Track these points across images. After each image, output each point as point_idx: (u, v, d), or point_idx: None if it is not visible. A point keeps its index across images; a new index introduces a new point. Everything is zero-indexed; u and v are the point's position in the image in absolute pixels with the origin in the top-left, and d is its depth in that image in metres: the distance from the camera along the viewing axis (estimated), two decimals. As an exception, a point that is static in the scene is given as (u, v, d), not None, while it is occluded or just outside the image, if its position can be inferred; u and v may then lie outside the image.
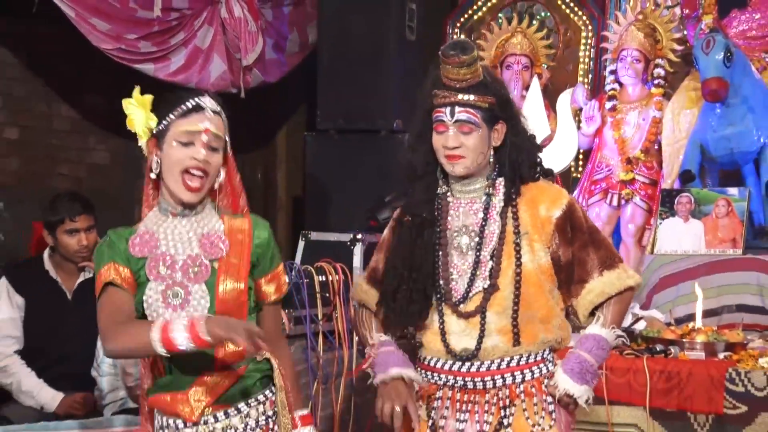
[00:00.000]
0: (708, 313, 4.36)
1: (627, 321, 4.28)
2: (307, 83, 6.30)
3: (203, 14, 5.91)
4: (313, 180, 5.78)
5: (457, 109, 2.66)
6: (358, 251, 4.54)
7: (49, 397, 4.00)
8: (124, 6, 5.43)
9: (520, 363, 2.73)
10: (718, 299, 4.54)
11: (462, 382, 2.75)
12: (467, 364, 2.73)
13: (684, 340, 4.05)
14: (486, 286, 2.70)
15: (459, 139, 2.68)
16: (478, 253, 2.73)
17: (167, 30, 5.72)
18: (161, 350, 2.28)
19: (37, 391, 4.00)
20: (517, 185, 2.75)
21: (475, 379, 2.73)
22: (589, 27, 6.06)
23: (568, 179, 5.71)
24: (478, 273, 2.72)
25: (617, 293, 2.74)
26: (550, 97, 5.34)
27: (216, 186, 2.52)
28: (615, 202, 5.44)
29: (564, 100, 5.04)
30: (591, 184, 5.53)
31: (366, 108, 5.58)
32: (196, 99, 2.47)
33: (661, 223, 4.91)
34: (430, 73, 2.73)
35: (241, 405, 2.47)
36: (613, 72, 5.57)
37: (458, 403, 2.76)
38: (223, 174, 2.52)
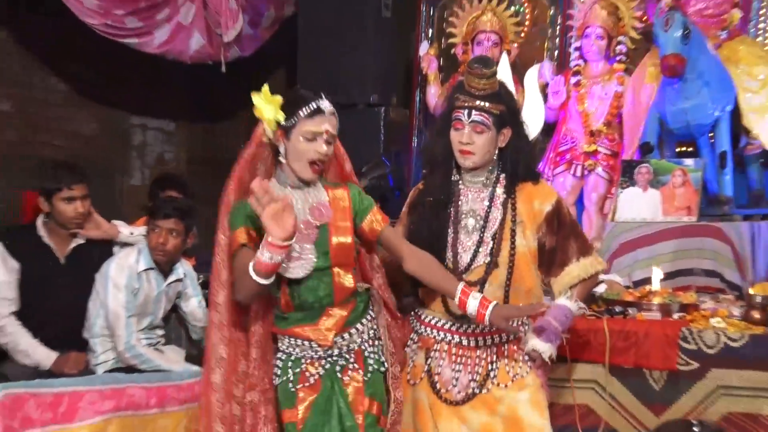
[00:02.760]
0: (664, 277, 4.40)
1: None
2: (286, 58, 6.28)
3: (186, -9, 5.88)
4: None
5: (474, 112, 3.12)
6: (335, 218, 4.55)
7: (44, 355, 4.01)
8: (111, -17, 5.40)
9: None
10: (674, 263, 4.56)
11: (458, 339, 3.22)
12: (464, 325, 3.20)
13: (641, 301, 4.10)
14: (487, 261, 3.16)
15: (472, 137, 3.13)
16: (481, 234, 3.18)
17: (153, 6, 5.68)
18: (255, 276, 2.74)
19: (32, 350, 4.01)
20: (515, 181, 3.20)
21: (470, 338, 3.21)
22: (556, 5, 6.03)
23: (534, 150, 5.71)
24: (480, 250, 3.17)
25: (589, 277, 3.25)
26: (519, 72, 5.32)
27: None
28: (579, 173, 5.46)
29: (531, 75, 5.03)
30: (556, 155, 5.54)
31: (344, 82, 5.55)
32: (317, 102, 2.96)
33: (621, 192, 4.91)
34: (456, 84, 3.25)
35: (358, 325, 3.07)
36: (578, 48, 5.57)
37: (453, 356, 3.22)
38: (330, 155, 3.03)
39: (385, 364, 3.12)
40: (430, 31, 6.33)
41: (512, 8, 5.95)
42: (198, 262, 4.50)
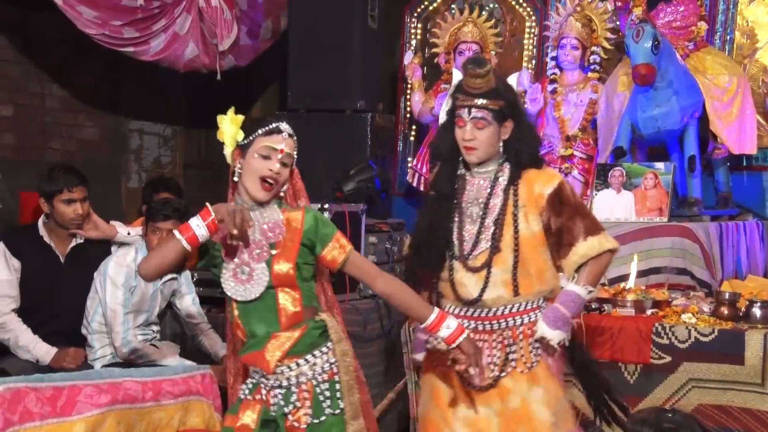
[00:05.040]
0: (637, 275, 4.38)
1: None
2: (278, 67, 6.24)
3: (183, 3, 5.81)
4: (284, 154, 5.72)
5: (473, 110, 3.02)
6: (325, 219, 4.51)
7: (44, 351, 3.95)
8: (109, -6, 5.33)
9: (519, 309, 3.06)
10: (647, 262, 4.53)
11: (473, 325, 3.07)
12: (478, 310, 3.07)
13: (616, 298, 4.08)
14: (488, 246, 3.05)
15: (474, 133, 3.03)
16: (482, 220, 3.08)
17: (150, 17, 5.62)
18: (184, 242, 2.60)
19: (32, 345, 3.95)
20: (519, 169, 3.08)
21: (484, 323, 3.08)
22: (533, 17, 6.06)
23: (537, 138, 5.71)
24: (482, 236, 3.07)
25: (596, 255, 3.03)
26: (498, 80, 5.31)
27: (282, 192, 2.81)
28: (555, 176, 5.45)
29: (510, 83, 5.01)
30: (534, 158, 5.53)
31: (332, 89, 5.54)
32: (277, 123, 2.77)
33: (596, 195, 4.91)
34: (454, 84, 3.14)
35: (309, 356, 2.74)
36: (554, 58, 5.57)
37: None
38: (287, 185, 2.82)
39: (341, 404, 2.74)
40: (414, 41, 6.33)
41: (492, 20, 5.95)
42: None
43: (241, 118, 2.76)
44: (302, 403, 2.72)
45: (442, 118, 3.22)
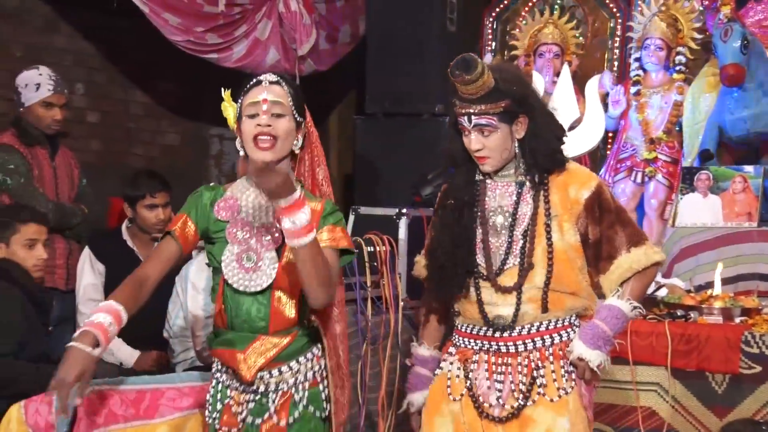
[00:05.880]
0: (725, 281, 4.27)
1: (650, 288, 4.21)
2: (356, 71, 6.27)
3: (263, 9, 5.92)
4: (362, 159, 5.75)
5: (474, 117, 2.65)
6: (403, 224, 4.50)
7: (127, 354, 4.03)
8: (191, 2, 5.44)
9: (549, 327, 2.70)
10: (735, 268, 4.44)
11: (496, 347, 2.72)
12: (502, 330, 2.71)
13: (703, 305, 3.99)
14: (518, 262, 2.68)
15: (481, 140, 2.66)
16: (511, 232, 2.70)
17: (231, 23, 5.73)
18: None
19: (116, 348, 4.03)
20: (539, 171, 2.70)
21: (508, 344, 2.71)
22: (616, 17, 5.98)
23: (595, 158, 5.65)
24: (510, 251, 2.69)
25: (643, 269, 2.68)
26: (579, 82, 5.25)
27: (296, 150, 2.51)
28: (639, 179, 5.37)
29: (592, 86, 4.94)
30: (617, 162, 5.46)
31: (410, 93, 5.52)
32: (259, 78, 2.50)
33: (681, 199, 4.82)
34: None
35: (293, 363, 2.51)
36: (638, 59, 5.47)
37: (494, 366, 2.72)
38: (300, 140, 2.52)
39: (326, 408, 2.53)
40: (493, 44, 6.30)
41: (573, 21, 5.88)
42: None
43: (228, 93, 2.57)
44: (279, 416, 2.49)
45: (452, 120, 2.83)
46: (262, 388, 2.50)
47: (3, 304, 3.54)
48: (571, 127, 4.76)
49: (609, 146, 5.68)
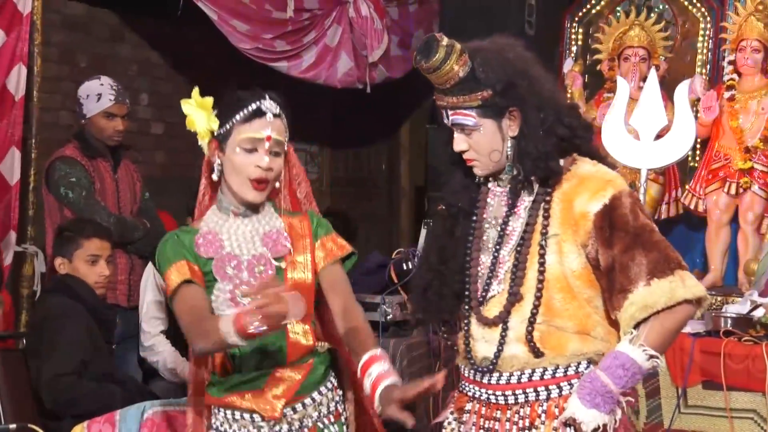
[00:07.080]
0: (830, 302, 4.11)
1: (745, 308, 4.07)
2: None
3: (332, 14, 5.91)
4: (434, 170, 5.69)
5: (450, 112, 2.27)
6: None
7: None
8: (260, 8, 5.45)
9: (544, 377, 2.23)
10: (841, 287, 4.28)
11: (485, 395, 2.29)
12: (487, 375, 2.27)
13: (809, 327, 3.84)
14: (502, 289, 2.24)
15: (464, 140, 2.27)
16: (497, 251, 2.26)
17: (300, 29, 5.72)
18: (237, 340, 2.12)
19: (181, 368, 4.03)
20: (528, 179, 2.25)
21: (496, 393, 2.26)
22: (708, 18, 5.78)
23: (685, 169, 5.49)
24: (494, 273, 2.25)
25: (666, 307, 2.12)
26: (668, 88, 5.11)
27: (277, 185, 2.40)
28: (733, 191, 5.18)
29: (682, 91, 4.81)
30: (708, 173, 5.27)
31: (486, 101, 5.46)
32: (257, 103, 2.34)
33: (779, 211, 4.68)
34: None
35: (315, 394, 2.41)
36: (732, 62, 5.28)
37: (482, 419, 2.30)
38: (283, 173, 2.42)
39: None
40: (574, 47, 6.16)
41: (661, 22, 5.72)
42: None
43: (210, 100, 2.36)
44: None
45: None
46: (285, 428, 2.37)
47: (66, 322, 3.57)
48: (659, 136, 4.65)
49: (699, 156, 5.52)
